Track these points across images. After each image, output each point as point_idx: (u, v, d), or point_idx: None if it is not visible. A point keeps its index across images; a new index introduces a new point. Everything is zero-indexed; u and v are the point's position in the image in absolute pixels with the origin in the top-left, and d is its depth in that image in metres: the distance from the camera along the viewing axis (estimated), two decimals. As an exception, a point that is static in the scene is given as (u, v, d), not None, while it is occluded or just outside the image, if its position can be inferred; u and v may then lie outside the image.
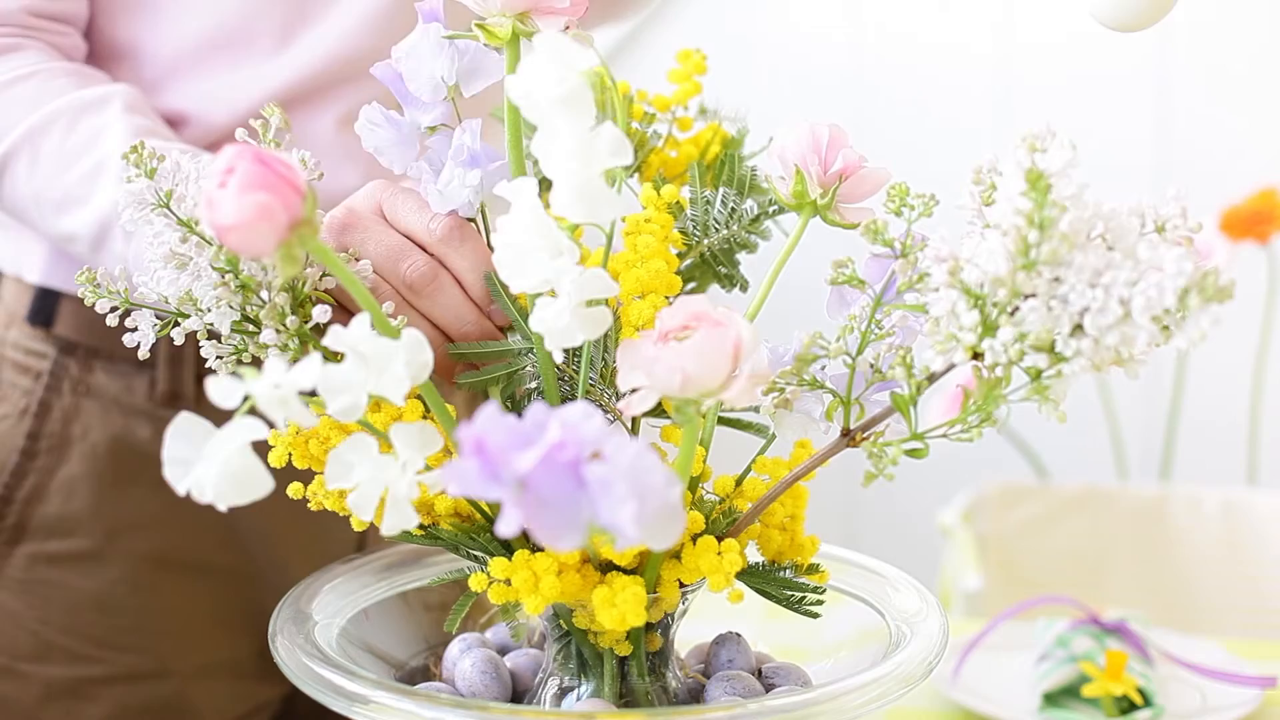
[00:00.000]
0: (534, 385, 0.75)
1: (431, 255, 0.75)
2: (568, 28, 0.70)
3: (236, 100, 1.00)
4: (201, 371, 1.05)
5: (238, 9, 1.00)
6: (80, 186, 0.91)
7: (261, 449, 0.61)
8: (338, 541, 1.09)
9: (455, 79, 0.74)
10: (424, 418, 0.72)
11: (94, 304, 0.72)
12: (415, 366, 0.61)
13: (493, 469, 0.54)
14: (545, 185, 0.66)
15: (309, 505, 0.71)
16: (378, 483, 0.61)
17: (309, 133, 1.02)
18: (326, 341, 0.61)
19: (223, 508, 0.59)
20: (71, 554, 1.06)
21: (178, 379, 1.06)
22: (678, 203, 0.78)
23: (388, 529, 0.62)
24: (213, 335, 0.72)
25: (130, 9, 1.01)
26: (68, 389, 1.07)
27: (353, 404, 0.60)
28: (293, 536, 1.10)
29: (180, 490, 0.59)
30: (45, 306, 1.07)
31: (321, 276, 0.72)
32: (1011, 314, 0.61)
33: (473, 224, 0.76)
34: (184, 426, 0.59)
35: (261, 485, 0.59)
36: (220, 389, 0.58)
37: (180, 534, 1.07)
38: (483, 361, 0.75)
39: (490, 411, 0.55)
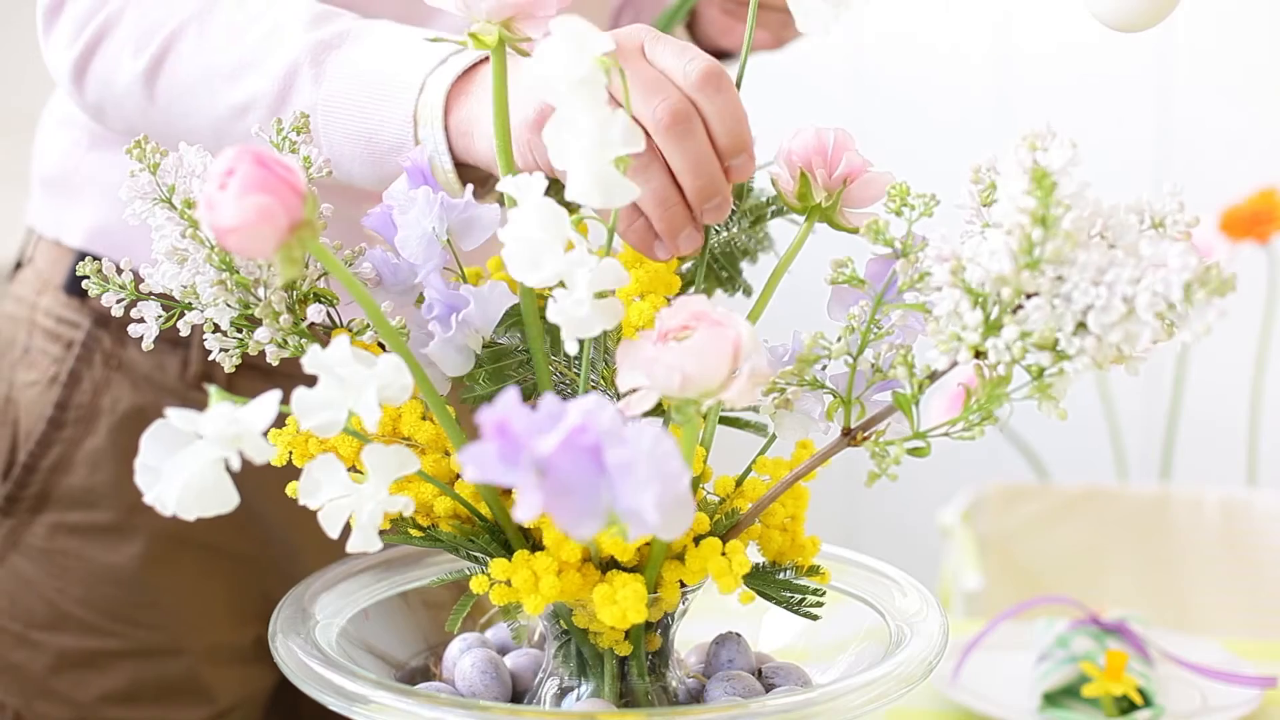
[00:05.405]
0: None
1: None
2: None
3: None
4: None
5: None
6: (257, 49, 0.86)
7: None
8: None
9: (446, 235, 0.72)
10: (423, 418, 0.72)
11: (99, 296, 0.72)
12: (394, 390, 0.61)
13: (513, 452, 0.54)
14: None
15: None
16: (344, 505, 0.61)
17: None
18: (304, 362, 0.61)
19: (188, 518, 0.59)
20: (93, 526, 1.07)
21: (210, 361, 1.05)
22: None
23: (351, 547, 0.62)
24: (218, 328, 0.72)
25: None
26: (99, 361, 1.07)
27: (330, 421, 0.60)
28: (310, 527, 1.10)
29: (146, 500, 0.60)
30: None
31: (320, 276, 0.72)
32: (1015, 313, 0.61)
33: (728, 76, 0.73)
34: (160, 432, 0.59)
35: (227, 500, 0.60)
36: (177, 420, 0.58)
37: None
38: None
39: (511, 396, 0.55)
